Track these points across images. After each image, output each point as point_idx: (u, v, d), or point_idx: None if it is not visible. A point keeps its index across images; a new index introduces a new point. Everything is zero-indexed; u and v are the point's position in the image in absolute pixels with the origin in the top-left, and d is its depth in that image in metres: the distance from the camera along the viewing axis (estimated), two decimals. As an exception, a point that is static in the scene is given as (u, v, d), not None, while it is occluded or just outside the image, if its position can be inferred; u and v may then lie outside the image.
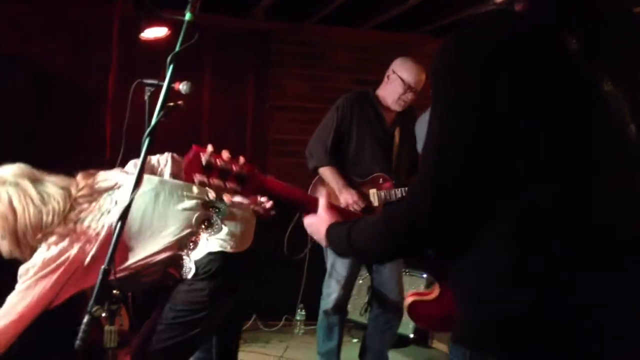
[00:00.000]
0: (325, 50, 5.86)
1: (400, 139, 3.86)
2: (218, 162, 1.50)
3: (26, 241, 2.32)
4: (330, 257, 3.85)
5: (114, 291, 1.83)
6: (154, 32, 4.04)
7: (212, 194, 2.55)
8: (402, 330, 4.81)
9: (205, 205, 2.52)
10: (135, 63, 4.94)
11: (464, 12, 5.01)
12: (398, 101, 3.77)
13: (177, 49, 1.89)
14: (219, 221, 2.49)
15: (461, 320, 1.30)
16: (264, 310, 4.87)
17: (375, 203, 3.78)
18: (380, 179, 3.81)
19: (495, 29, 1.21)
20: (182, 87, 2.83)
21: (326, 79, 5.89)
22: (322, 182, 3.85)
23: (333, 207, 1.58)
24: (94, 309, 1.78)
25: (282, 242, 4.10)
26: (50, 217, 2.31)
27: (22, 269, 2.30)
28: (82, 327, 1.76)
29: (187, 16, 1.88)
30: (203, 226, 2.47)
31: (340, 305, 3.85)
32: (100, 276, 1.79)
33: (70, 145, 5.13)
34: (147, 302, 3.41)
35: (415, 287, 4.82)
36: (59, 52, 5.18)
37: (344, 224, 1.49)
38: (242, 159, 1.53)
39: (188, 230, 2.44)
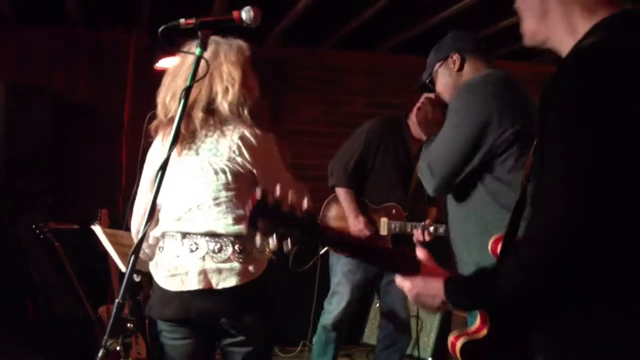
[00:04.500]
0: (339, 74, 5.88)
1: None
2: (284, 206, 1.41)
3: None
4: (336, 275, 3.87)
5: (129, 324, 1.84)
6: (169, 62, 4.10)
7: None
8: (421, 354, 4.79)
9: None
10: (150, 93, 4.99)
11: (479, 33, 5.01)
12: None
13: (188, 83, 1.91)
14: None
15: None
16: (280, 335, 4.84)
17: (384, 232, 3.77)
18: (394, 210, 3.80)
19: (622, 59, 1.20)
20: (196, 117, 2.87)
21: (341, 103, 5.92)
22: (336, 200, 3.88)
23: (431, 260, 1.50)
24: (109, 342, 1.79)
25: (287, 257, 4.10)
26: None
27: None
28: (97, 360, 1.77)
29: (197, 51, 1.91)
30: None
31: (339, 323, 3.87)
32: (114, 310, 1.80)
33: (89, 174, 5.19)
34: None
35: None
36: (79, 82, 5.26)
37: (467, 276, 1.41)
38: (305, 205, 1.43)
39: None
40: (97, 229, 2.90)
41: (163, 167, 1.88)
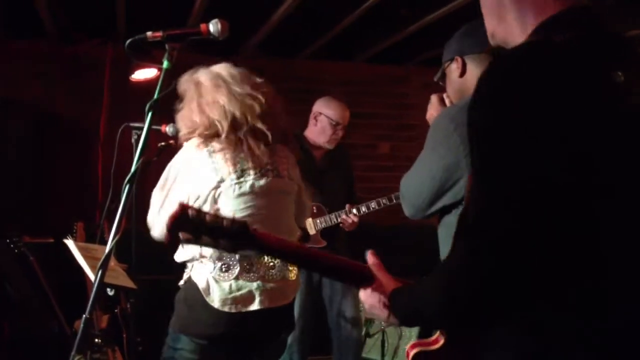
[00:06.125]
0: (316, 84, 5.88)
1: (332, 173, 4.04)
2: (207, 217, 1.38)
3: None
4: None
5: (96, 340, 1.82)
6: (144, 74, 4.10)
7: None
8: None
9: None
10: (125, 104, 4.98)
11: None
12: (330, 140, 4.01)
13: (155, 96, 1.91)
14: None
15: None
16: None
17: (312, 231, 3.95)
18: (314, 208, 3.93)
19: (544, 59, 1.16)
20: (169, 129, 2.88)
21: (319, 114, 5.91)
22: None
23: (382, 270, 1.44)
24: (76, 358, 1.78)
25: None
26: None
27: None
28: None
29: (165, 64, 1.91)
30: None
31: (299, 338, 3.90)
32: (82, 325, 1.79)
33: (67, 186, 5.15)
34: (144, 339, 3.40)
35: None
36: (56, 94, 5.22)
37: (409, 288, 1.36)
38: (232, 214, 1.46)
39: None
40: (69, 242, 2.87)
41: (131, 181, 1.88)
